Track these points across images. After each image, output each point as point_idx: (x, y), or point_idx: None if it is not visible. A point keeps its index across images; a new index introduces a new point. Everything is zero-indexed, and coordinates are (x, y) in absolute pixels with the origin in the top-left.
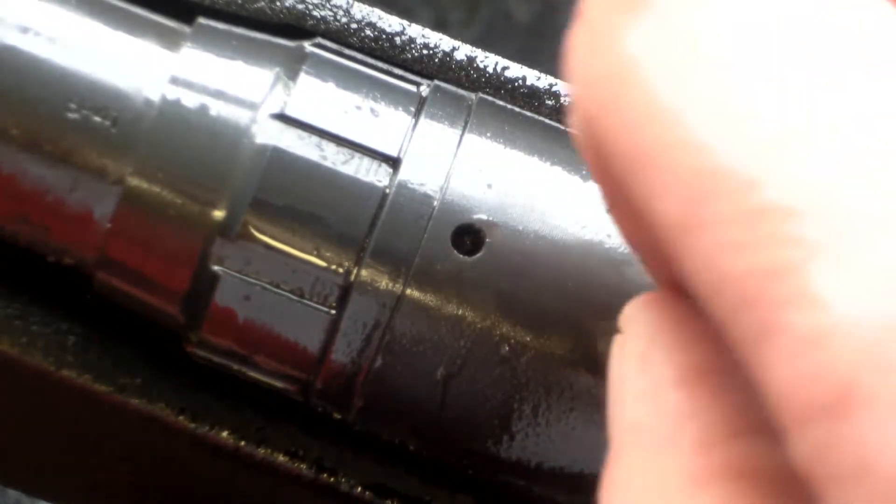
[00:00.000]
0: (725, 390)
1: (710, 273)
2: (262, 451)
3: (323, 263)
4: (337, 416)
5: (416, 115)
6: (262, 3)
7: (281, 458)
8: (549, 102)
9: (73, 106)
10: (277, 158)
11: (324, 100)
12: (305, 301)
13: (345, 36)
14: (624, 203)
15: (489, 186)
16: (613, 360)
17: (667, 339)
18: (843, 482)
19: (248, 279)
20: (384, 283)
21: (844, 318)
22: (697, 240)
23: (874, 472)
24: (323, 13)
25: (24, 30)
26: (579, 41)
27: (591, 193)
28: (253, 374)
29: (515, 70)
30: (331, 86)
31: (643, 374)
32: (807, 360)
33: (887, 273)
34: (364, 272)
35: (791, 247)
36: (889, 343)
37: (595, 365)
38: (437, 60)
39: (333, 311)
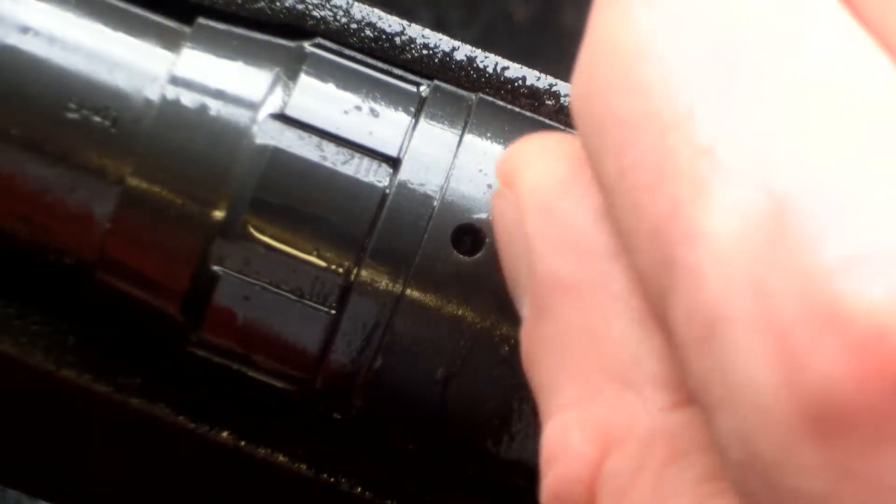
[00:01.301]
0: None
1: (628, 212)
2: (262, 451)
3: (323, 263)
4: (337, 416)
5: (416, 116)
6: (262, 4)
7: (281, 458)
8: (549, 102)
9: (73, 106)
10: (277, 159)
11: (324, 100)
12: (305, 301)
13: (345, 36)
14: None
15: (489, 186)
16: (500, 215)
17: (571, 183)
18: (719, 410)
19: (248, 279)
20: (384, 283)
21: (714, 251)
22: (623, 182)
23: (741, 399)
24: (323, 13)
25: (24, 30)
26: (590, 26)
27: None
28: (253, 373)
29: (515, 70)
30: (331, 86)
31: (553, 225)
32: (688, 294)
33: (757, 208)
34: (364, 272)
35: (692, 184)
36: (752, 270)
37: None
38: (436, 61)
39: (333, 311)
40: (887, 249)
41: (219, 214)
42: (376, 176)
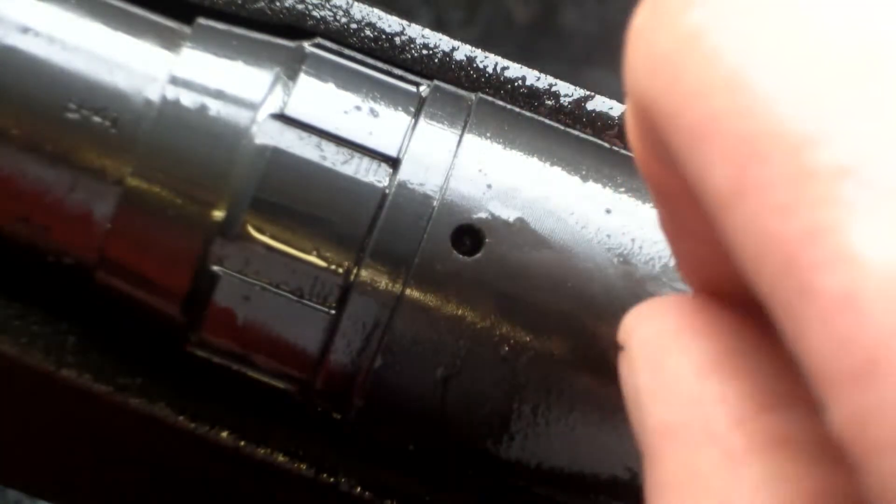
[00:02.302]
0: (747, 373)
1: (755, 237)
2: (262, 451)
3: (323, 263)
4: (337, 416)
5: (416, 116)
6: (262, 4)
7: (281, 458)
8: (549, 102)
9: (73, 106)
10: (277, 159)
11: (324, 100)
12: (305, 301)
13: (345, 36)
14: (673, 191)
15: (489, 186)
16: (622, 374)
17: (675, 338)
18: (877, 455)
19: (248, 279)
20: (384, 283)
21: (877, 278)
22: (745, 202)
23: None
24: (323, 13)
25: (24, 30)
26: (643, 22)
27: (590, 193)
28: (253, 374)
29: (515, 70)
30: (331, 86)
31: (659, 377)
32: (839, 324)
33: None
34: (364, 272)
35: (836, 207)
36: None
37: (595, 365)
38: (436, 60)
39: (333, 312)
40: None
41: (219, 214)
42: (376, 176)
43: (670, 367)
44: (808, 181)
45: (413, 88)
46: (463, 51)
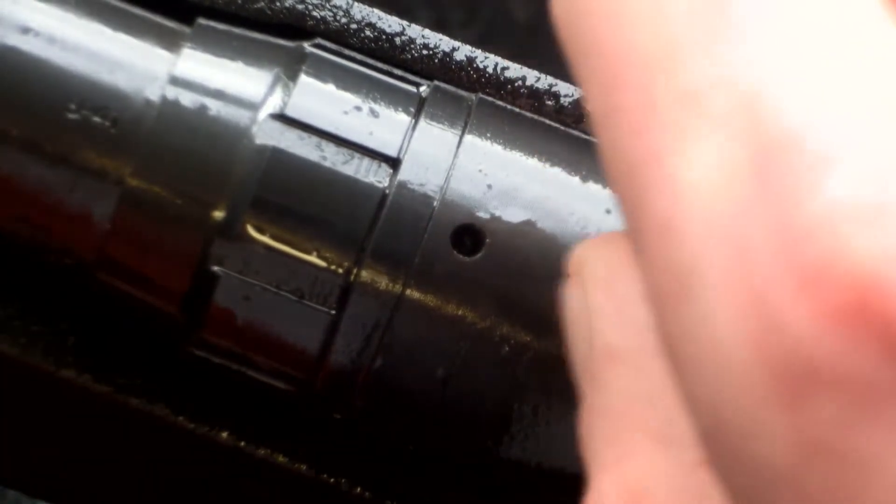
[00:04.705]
0: None
1: (614, 156)
2: (262, 451)
3: (323, 264)
4: (337, 416)
5: (416, 116)
6: (262, 4)
7: (281, 458)
8: (549, 102)
9: (73, 106)
10: (277, 159)
11: (324, 100)
12: (305, 301)
13: (344, 36)
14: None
15: (489, 187)
16: (570, 300)
17: (626, 265)
18: (689, 373)
19: (248, 280)
20: (384, 283)
21: (692, 204)
22: (611, 122)
23: (711, 360)
24: (323, 14)
25: (25, 30)
26: None
27: (591, 193)
28: (253, 374)
29: (515, 70)
30: (331, 86)
31: (610, 300)
32: (660, 247)
33: (741, 158)
34: (364, 272)
35: (673, 132)
36: (732, 225)
37: None
38: (436, 61)
39: (333, 312)
40: (877, 201)
41: (219, 215)
42: (376, 176)
43: (621, 291)
44: (657, 105)
45: (413, 89)
46: (463, 51)
